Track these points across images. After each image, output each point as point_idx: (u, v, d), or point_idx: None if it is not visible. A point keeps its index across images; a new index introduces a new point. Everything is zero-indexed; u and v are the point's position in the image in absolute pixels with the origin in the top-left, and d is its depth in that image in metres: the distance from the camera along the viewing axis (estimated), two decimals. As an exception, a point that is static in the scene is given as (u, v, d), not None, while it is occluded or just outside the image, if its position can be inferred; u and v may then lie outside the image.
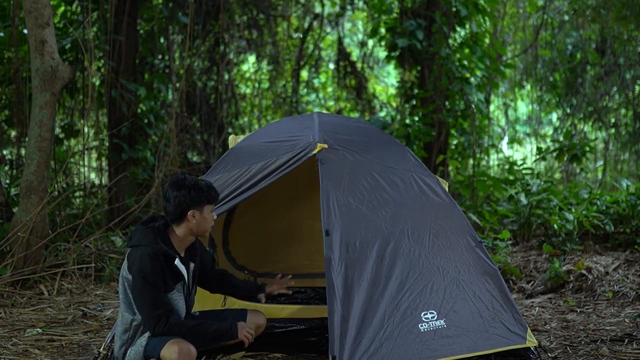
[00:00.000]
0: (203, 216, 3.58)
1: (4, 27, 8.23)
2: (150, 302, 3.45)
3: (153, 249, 3.48)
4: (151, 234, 3.54)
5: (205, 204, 3.57)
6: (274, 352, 4.29)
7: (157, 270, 3.46)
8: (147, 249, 3.49)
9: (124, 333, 3.61)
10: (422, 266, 3.75)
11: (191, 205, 3.54)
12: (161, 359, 3.47)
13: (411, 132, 10.06)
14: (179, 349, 3.41)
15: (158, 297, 3.46)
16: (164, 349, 3.44)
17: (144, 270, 3.44)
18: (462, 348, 3.57)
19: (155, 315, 3.45)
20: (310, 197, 5.17)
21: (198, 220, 3.57)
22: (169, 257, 3.53)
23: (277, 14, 12.87)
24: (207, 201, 3.58)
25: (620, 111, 13.88)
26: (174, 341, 3.46)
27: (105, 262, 6.69)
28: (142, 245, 3.51)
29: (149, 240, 3.52)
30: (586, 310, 5.51)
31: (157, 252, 3.48)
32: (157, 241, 3.51)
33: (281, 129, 4.50)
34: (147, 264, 3.45)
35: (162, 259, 3.50)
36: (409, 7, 10.53)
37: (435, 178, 4.22)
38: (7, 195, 7.21)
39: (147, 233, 3.56)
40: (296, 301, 5.30)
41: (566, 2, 12.94)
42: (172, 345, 3.43)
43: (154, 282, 3.45)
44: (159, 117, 10.03)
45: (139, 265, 3.46)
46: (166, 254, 3.51)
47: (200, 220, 3.58)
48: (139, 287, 3.46)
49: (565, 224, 7.46)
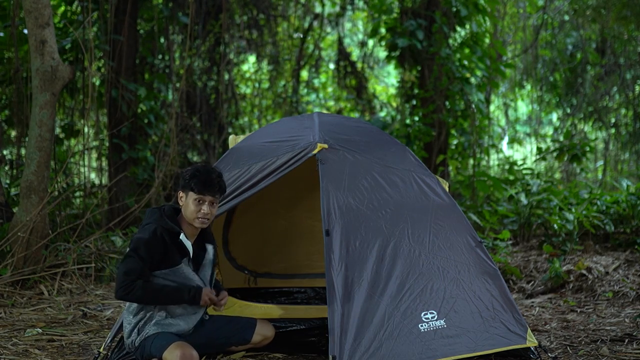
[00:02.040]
0: (187, 201, 3.64)
1: (4, 27, 8.23)
2: (127, 267, 3.47)
3: (156, 224, 3.56)
4: (157, 212, 3.65)
5: (188, 190, 3.63)
6: (274, 352, 4.29)
7: (155, 246, 3.51)
8: (151, 225, 3.57)
9: (134, 316, 3.64)
10: (422, 266, 3.75)
11: (180, 187, 3.68)
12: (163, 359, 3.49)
13: (411, 132, 10.07)
14: (181, 353, 3.43)
15: (137, 266, 3.47)
16: (167, 352, 3.46)
17: (140, 240, 3.51)
18: (462, 348, 3.57)
19: (124, 279, 3.45)
20: (310, 197, 5.18)
21: (184, 204, 3.66)
22: (173, 233, 3.58)
23: (277, 14, 12.87)
24: (190, 189, 3.62)
25: (621, 111, 13.88)
26: (178, 344, 3.48)
27: (105, 262, 6.69)
28: (150, 223, 3.60)
29: (154, 218, 3.62)
30: (586, 310, 5.51)
31: (160, 228, 3.55)
32: (162, 218, 3.60)
33: (281, 129, 4.50)
34: (145, 236, 3.51)
35: (167, 235, 3.56)
36: (409, 7, 10.53)
37: (435, 178, 4.22)
38: (7, 195, 7.21)
39: (153, 212, 3.68)
40: (296, 301, 5.31)
41: (566, 2, 12.94)
42: (175, 349, 3.45)
43: (143, 254, 3.49)
44: (159, 117, 10.03)
45: (137, 236, 3.54)
46: (170, 228, 3.58)
47: (185, 204, 3.65)
48: (129, 251, 3.51)
49: (565, 224, 7.46)
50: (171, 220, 3.61)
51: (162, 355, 3.48)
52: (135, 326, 3.64)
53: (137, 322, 3.64)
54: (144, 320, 3.64)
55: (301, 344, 4.44)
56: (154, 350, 3.53)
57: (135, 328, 3.64)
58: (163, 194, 9.26)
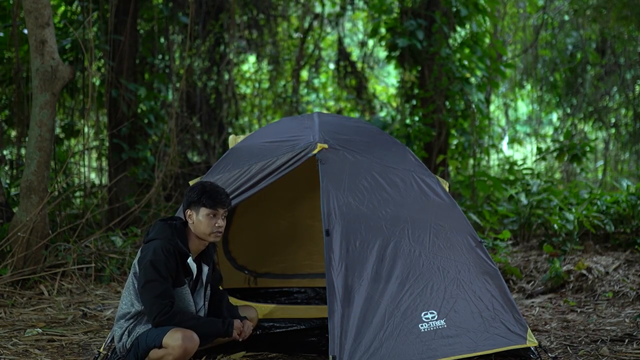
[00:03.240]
0: (198, 218, 3.67)
1: (4, 27, 8.23)
2: (157, 291, 3.51)
3: (169, 243, 3.58)
4: (169, 230, 3.65)
5: (200, 206, 3.65)
6: (274, 352, 4.29)
7: (170, 264, 3.55)
8: (164, 242, 3.59)
9: (126, 320, 3.66)
10: (422, 266, 3.75)
11: (188, 205, 3.70)
12: (164, 346, 3.49)
13: (411, 132, 10.06)
14: (182, 335, 3.46)
15: (165, 288, 3.53)
16: (167, 336, 3.48)
17: (157, 260, 3.53)
18: (462, 348, 3.57)
19: (160, 303, 3.50)
20: (310, 197, 5.18)
21: (195, 222, 3.68)
22: (182, 254, 3.63)
23: (277, 14, 12.86)
24: (202, 204, 3.65)
25: (621, 111, 13.88)
26: (176, 329, 3.51)
27: (105, 262, 6.69)
28: (158, 239, 3.60)
29: (166, 235, 3.62)
30: (586, 310, 5.50)
31: (173, 247, 3.58)
32: (173, 237, 3.62)
33: (281, 129, 4.50)
34: (161, 256, 3.54)
35: (177, 255, 3.60)
36: (409, 7, 10.53)
37: (435, 178, 4.22)
38: (7, 195, 7.21)
39: (164, 228, 3.67)
40: (296, 301, 5.31)
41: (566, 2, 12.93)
42: (175, 332, 3.48)
43: (165, 274, 3.53)
44: (159, 117, 10.03)
45: (153, 256, 3.55)
46: (181, 250, 3.62)
47: (196, 221, 3.68)
48: (149, 275, 3.52)
49: (565, 224, 7.46)
50: (181, 240, 3.65)
51: (162, 341, 3.49)
52: (126, 329, 3.65)
53: (128, 325, 3.65)
54: (134, 323, 3.65)
55: (301, 344, 4.44)
56: (150, 342, 3.53)
57: (126, 331, 3.65)
58: (163, 194, 9.26)
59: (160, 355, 3.51)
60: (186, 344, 3.45)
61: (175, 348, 3.45)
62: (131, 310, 3.64)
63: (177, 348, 3.44)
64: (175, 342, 3.45)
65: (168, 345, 3.47)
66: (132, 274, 3.66)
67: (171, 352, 3.47)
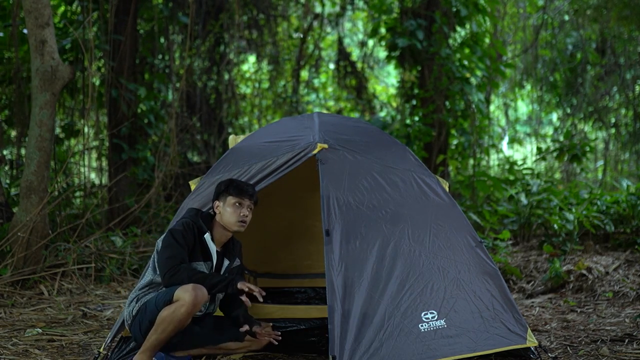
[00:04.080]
0: (225, 208, 3.82)
1: (4, 27, 8.24)
2: (170, 253, 3.65)
3: (191, 219, 3.81)
4: (194, 211, 3.90)
5: (226, 195, 3.83)
6: (274, 352, 4.29)
7: (187, 235, 3.73)
8: (186, 219, 3.82)
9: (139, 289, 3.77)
10: (422, 266, 3.75)
11: (217, 196, 3.88)
12: (174, 300, 3.53)
13: (411, 132, 10.06)
14: (192, 287, 3.53)
15: (179, 251, 3.67)
16: (178, 290, 3.54)
17: (176, 229, 3.74)
18: (462, 348, 3.57)
19: (171, 264, 3.63)
20: (310, 197, 5.17)
21: (221, 211, 3.84)
22: (200, 230, 3.80)
23: (277, 14, 12.87)
24: (228, 194, 3.82)
25: (621, 111, 13.88)
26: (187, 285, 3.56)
27: (105, 262, 6.69)
28: (183, 218, 3.84)
29: (190, 215, 3.86)
30: (586, 310, 5.50)
31: (192, 223, 3.78)
32: (197, 216, 3.84)
33: (281, 129, 4.50)
34: (180, 227, 3.75)
35: (196, 230, 3.78)
36: (409, 7, 10.53)
37: (435, 178, 4.22)
38: (7, 195, 7.21)
39: (191, 210, 3.92)
40: (296, 301, 5.31)
41: (566, 2, 12.94)
42: (184, 286, 3.55)
43: (181, 242, 3.69)
44: (159, 117, 10.03)
45: (173, 227, 3.79)
46: (200, 227, 3.80)
47: (223, 211, 3.84)
48: (165, 241, 3.72)
49: (565, 224, 7.46)
50: (204, 220, 3.83)
51: (174, 295, 3.53)
52: (136, 297, 3.75)
53: (139, 294, 3.75)
54: (145, 292, 3.74)
55: (301, 344, 4.44)
56: (160, 302, 3.58)
57: (135, 297, 3.75)
58: (163, 194, 9.27)
59: (171, 310, 3.53)
60: (196, 292, 3.50)
61: (186, 297, 3.49)
62: (151, 278, 3.75)
63: (188, 297, 3.49)
64: (186, 293, 3.50)
65: (179, 297, 3.52)
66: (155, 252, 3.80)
67: (182, 303, 3.50)
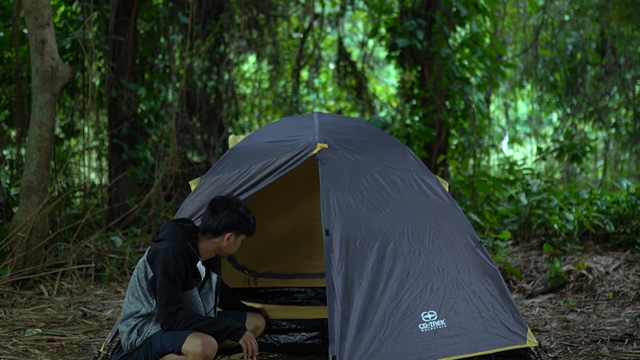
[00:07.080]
0: (235, 242, 3.76)
1: (4, 27, 8.24)
2: (167, 298, 3.51)
3: (181, 246, 3.58)
4: (180, 232, 3.64)
5: (243, 233, 3.76)
6: (274, 352, 4.29)
7: (179, 267, 3.54)
8: (175, 244, 3.58)
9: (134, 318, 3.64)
10: (422, 266, 3.75)
11: (232, 228, 3.71)
12: (183, 353, 3.47)
13: (411, 132, 10.06)
14: (202, 342, 3.44)
15: (174, 294, 3.53)
16: (186, 343, 3.46)
17: (167, 264, 3.52)
18: (462, 348, 3.57)
19: (167, 311, 3.51)
20: (310, 197, 5.17)
21: (229, 244, 3.74)
22: (193, 258, 3.64)
23: (277, 14, 12.86)
24: (247, 233, 3.78)
25: (621, 111, 13.88)
26: (196, 334, 3.49)
27: (105, 262, 6.69)
28: (170, 240, 3.60)
29: (177, 237, 3.61)
30: (586, 310, 5.50)
31: (183, 250, 3.58)
32: (185, 240, 3.61)
33: (281, 129, 4.50)
34: (172, 259, 3.52)
35: (187, 258, 3.60)
36: (409, 7, 10.53)
37: (435, 178, 4.22)
38: (7, 195, 7.21)
39: (176, 230, 3.65)
40: (296, 301, 5.31)
41: (566, 2, 12.93)
42: (194, 339, 3.46)
43: (174, 279, 3.52)
44: (159, 117, 10.03)
45: (164, 259, 3.53)
46: (192, 254, 3.62)
47: (231, 244, 3.75)
48: (160, 281, 3.53)
49: (565, 224, 7.46)
50: (192, 243, 3.64)
51: (181, 348, 3.46)
52: (135, 327, 3.63)
53: (137, 323, 3.63)
54: (143, 322, 3.63)
55: (301, 345, 4.44)
56: (167, 346, 3.51)
57: (135, 328, 3.63)
58: (163, 194, 9.27)
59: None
60: (206, 350, 3.43)
61: (196, 355, 3.42)
62: (140, 309, 3.61)
63: (198, 355, 3.42)
64: (196, 349, 3.42)
65: (188, 352, 3.44)
66: (138, 272, 3.64)
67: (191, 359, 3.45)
